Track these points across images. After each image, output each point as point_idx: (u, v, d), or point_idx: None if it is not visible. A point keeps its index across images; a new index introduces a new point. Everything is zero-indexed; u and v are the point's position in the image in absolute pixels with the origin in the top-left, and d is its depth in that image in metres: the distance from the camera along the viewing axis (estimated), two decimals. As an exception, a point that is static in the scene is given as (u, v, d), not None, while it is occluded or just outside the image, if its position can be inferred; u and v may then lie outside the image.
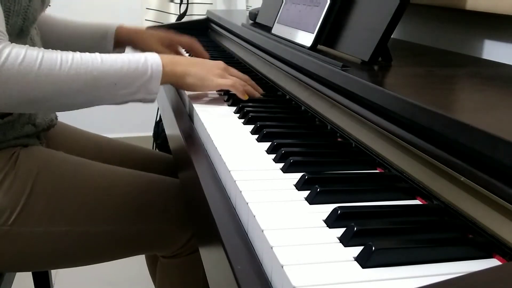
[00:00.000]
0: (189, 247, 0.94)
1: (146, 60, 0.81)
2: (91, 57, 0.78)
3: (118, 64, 0.79)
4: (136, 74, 0.80)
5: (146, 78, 0.80)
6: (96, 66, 0.78)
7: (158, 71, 0.82)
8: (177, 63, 0.86)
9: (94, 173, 0.90)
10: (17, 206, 0.81)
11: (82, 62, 0.77)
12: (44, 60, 0.74)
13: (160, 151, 1.78)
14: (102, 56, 0.79)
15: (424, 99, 0.59)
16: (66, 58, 0.76)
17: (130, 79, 0.79)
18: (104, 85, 0.78)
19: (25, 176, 0.83)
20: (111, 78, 0.78)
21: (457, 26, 1.06)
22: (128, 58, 0.81)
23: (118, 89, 0.79)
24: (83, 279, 1.71)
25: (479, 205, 0.48)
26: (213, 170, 0.68)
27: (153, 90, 0.82)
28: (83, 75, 0.76)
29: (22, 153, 0.86)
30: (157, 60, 0.83)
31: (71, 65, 0.76)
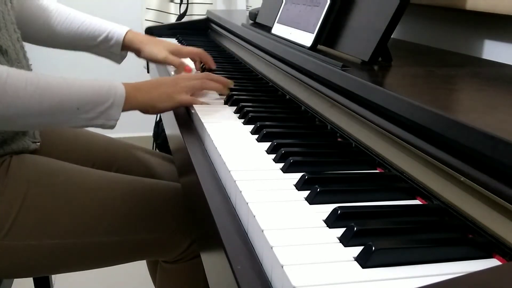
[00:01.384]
0: (190, 252, 0.93)
1: (110, 88, 0.82)
2: (57, 81, 0.78)
3: (83, 89, 0.79)
4: (99, 101, 0.80)
5: (108, 105, 0.80)
6: (61, 90, 0.78)
7: (121, 98, 0.82)
8: (140, 90, 0.85)
9: (90, 183, 0.89)
10: (8, 219, 0.80)
11: (48, 84, 0.77)
12: (10, 78, 0.73)
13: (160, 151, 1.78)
14: (68, 81, 0.79)
15: (424, 99, 0.59)
16: (31, 80, 0.76)
17: (92, 105, 0.79)
18: (67, 108, 0.78)
19: (16, 188, 0.82)
20: (75, 102, 0.78)
21: (457, 26, 1.06)
22: (93, 84, 0.81)
23: (79, 113, 0.79)
24: (83, 280, 1.71)
25: (479, 205, 0.48)
26: (213, 170, 0.68)
27: (113, 117, 0.81)
28: (48, 97, 0.76)
29: (13, 161, 0.85)
30: (121, 88, 0.83)
31: (37, 87, 0.75)
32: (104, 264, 0.91)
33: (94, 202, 0.86)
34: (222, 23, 1.55)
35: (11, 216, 0.80)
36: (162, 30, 1.73)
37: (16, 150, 0.88)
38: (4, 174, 0.82)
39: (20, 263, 0.83)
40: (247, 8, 2.41)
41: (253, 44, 1.20)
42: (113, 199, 0.87)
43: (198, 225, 0.67)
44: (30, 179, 0.83)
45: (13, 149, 0.87)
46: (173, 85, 0.89)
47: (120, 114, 0.82)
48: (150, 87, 0.88)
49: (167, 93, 0.88)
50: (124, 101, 0.82)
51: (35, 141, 0.95)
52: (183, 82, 0.90)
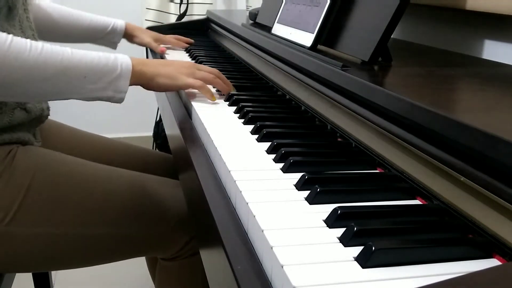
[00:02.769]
0: (189, 249, 0.94)
1: (116, 58, 0.82)
2: (61, 48, 0.78)
3: (88, 58, 0.79)
4: (106, 70, 0.80)
5: (115, 76, 0.80)
6: (66, 57, 0.77)
7: (128, 70, 0.82)
8: (147, 64, 0.86)
9: (93, 174, 0.90)
10: (13, 206, 0.81)
11: (53, 51, 0.76)
12: (14, 42, 0.73)
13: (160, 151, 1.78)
14: (73, 49, 0.79)
15: (424, 99, 0.59)
16: (36, 45, 0.75)
17: (100, 74, 0.79)
18: (73, 76, 0.77)
19: (21, 175, 0.83)
20: (81, 70, 0.78)
21: (457, 26, 1.06)
22: (98, 55, 0.81)
23: (87, 83, 0.78)
24: (83, 280, 1.71)
25: (479, 205, 0.48)
26: (213, 170, 0.68)
27: (122, 89, 0.81)
28: (52, 63, 0.75)
29: (19, 151, 0.85)
30: (127, 60, 0.83)
31: (41, 52, 0.75)
32: (104, 259, 0.91)
33: (95, 192, 0.87)
34: (222, 23, 1.55)
35: (16, 203, 0.81)
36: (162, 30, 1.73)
37: (22, 140, 0.89)
38: (10, 162, 0.83)
39: (22, 254, 0.84)
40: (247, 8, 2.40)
41: (253, 44, 1.20)
42: (114, 191, 0.89)
43: (198, 225, 0.67)
44: (35, 168, 0.84)
45: (19, 138, 0.88)
46: (181, 67, 0.90)
47: (128, 86, 0.82)
48: (158, 63, 0.89)
49: (174, 72, 0.88)
50: (131, 73, 0.82)
51: (37, 141, 0.95)
52: (194, 69, 0.91)
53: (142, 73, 0.85)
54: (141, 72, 0.85)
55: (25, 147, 0.88)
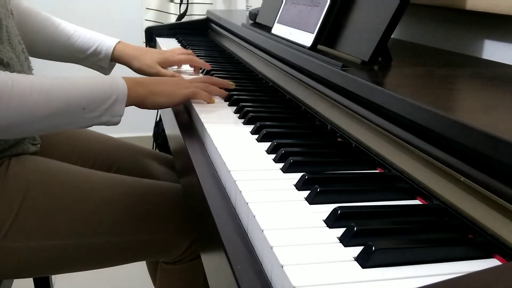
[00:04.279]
0: (190, 253, 0.93)
1: (112, 83, 0.80)
2: (63, 82, 0.77)
3: (87, 89, 0.78)
4: (103, 98, 0.79)
5: (112, 101, 0.79)
6: (67, 91, 0.76)
7: (124, 94, 0.80)
8: (141, 85, 0.84)
9: (89, 183, 0.88)
10: (7, 220, 0.79)
11: (54, 87, 0.75)
12: (16, 85, 0.71)
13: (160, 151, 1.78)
14: (72, 81, 0.78)
15: (424, 99, 0.59)
16: (36, 84, 0.74)
17: (97, 103, 0.78)
18: (73, 110, 0.77)
19: (15, 188, 0.81)
20: (81, 102, 0.77)
21: (457, 26, 1.06)
22: (96, 82, 0.79)
23: (85, 113, 0.78)
24: (83, 281, 1.71)
25: (479, 205, 0.48)
26: (213, 170, 0.68)
27: (118, 113, 0.80)
28: (54, 100, 0.74)
29: (12, 163, 0.84)
30: (123, 83, 0.81)
31: (42, 90, 0.74)
32: (104, 265, 0.90)
33: (93, 203, 0.86)
34: (222, 23, 1.55)
35: (11, 217, 0.79)
36: (162, 30, 1.73)
37: (15, 153, 0.87)
38: (3, 175, 0.81)
39: (19, 264, 0.83)
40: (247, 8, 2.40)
41: (253, 44, 1.20)
42: (113, 200, 0.87)
43: (198, 225, 0.67)
44: (29, 180, 0.83)
45: (13, 152, 0.87)
46: (176, 83, 0.89)
47: (123, 110, 0.81)
48: (152, 82, 0.87)
49: (169, 90, 0.87)
50: (127, 95, 0.81)
51: (35, 143, 0.94)
52: (186, 83, 0.90)
53: (137, 94, 0.83)
54: (136, 93, 0.83)
55: (18, 158, 0.86)
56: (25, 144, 0.90)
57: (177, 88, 0.88)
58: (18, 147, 0.88)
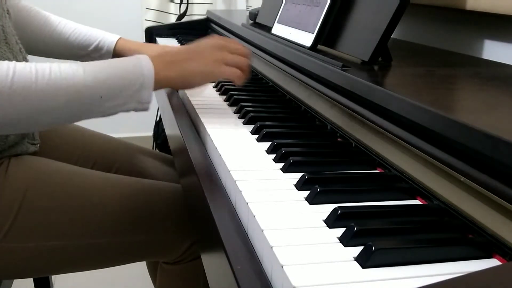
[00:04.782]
0: (190, 253, 0.93)
1: (137, 65, 0.73)
2: (71, 69, 0.70)
3: (103, 75, 0.71)
4: (124, 84, 0.71)
5: (136, 88, 0.72)
6: (78, 79, 0.69)
7: (150, 78, 0.73)
8: (172, 65, 0.76)
9: (89, 184, 0.87)
10: (6, 221, 0.78)
11: (62, 75, 0.68)
12: (17, 75, 0.66)
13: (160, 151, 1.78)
14: (85, 66, 0.71)
15: (424, 99, 0.59)
16: (43, 72, 0.67)
17: (118, 90, 0.71)
18: (88, 99, 0.70)
19: (14, 190, 0.80)
20: (96, 91, 0.70)
21: (457, 26, 1.06)
22: (116, 66, 0.72)
23: (104, 101, 0.71)
24: (83, 280, 1.71)
25: (479, 205, 0.48)
26: (213, 170, 0.68)
27: (145, 99, 0.74)
28: (64, 90, 0.68)
29: (12, 164, 0.83)
30: (149, 67, 0.74)
31: (49, 80, 0.67)
32: (104, 265, 0.90)
33: (93, 203, 0.85)
34: (222, 23, 1.55)
35: (10, 218, 0.79)
36: (162, 30, 1.73)
37: (15, 153, 0.87)
38: (3, 175, 0.81)
39: (19, 265, 0.83)
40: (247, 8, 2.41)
41: (253, 44, 1.20)
42: (113, 201, 0.87)
43: (198, 225, 0.67)
44: (28, 181, 0.82)
45: (12, 153, 0.86)
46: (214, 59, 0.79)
47: (151, 96, 0.74)
48: (184, 58, 0.78)
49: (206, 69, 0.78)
50: (154, 80, 0.73)
51: (34, 142, 0.94)
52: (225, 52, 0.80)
53: (168, 78, 0.76)
54: (166, 77, 0.75)
55: (17, 158, 0.86)
56: (25, 144, 0.90)
57: (216, 65, 0.78)
58: (18, 147, 0.88)
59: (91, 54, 1.14)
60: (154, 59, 0.75)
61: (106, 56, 1.14)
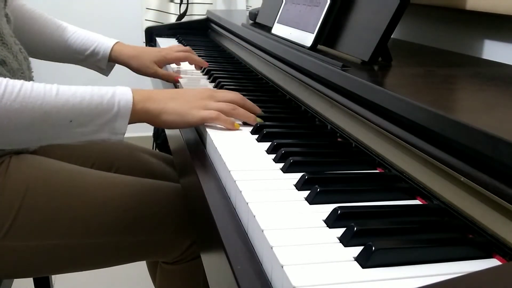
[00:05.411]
0: (190, 253, 0.93)
1: (114, 95, 0.71)
2: (44, 89, 0.69)
3: (77, 99, 0.69)
4: (99, 111, 0.70)
5: (111, 116, 0.71)
6: (48, 100, 0.68)
7: (127, 109, 0.71)
8: (152, 100, 0.75)
9: (89, 183, 0.87)
10: (7, 220, 0.79)
11: (32, 94, 0.67)
12: None
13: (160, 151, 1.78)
14: (60, 89, 0.70)
15: (424, 99, 0.59)
16: (12, 89, 0.66)
17: (90, 117, 0.70)
18: (56, 122, 0.69)
19: (15, 189, 0.80)
20: (66, 114, 0.69)
21: (457, 26, 1.06)
22: (92, 92, 0.71)
23: (73, 126, 0.69)
24: (83, 281, 1.71)
25: (479, 205, 0.48)
26: (213, 170, 0.68)
27: (119, 130, 0.72)
28: (30, 110, 0.67)
29: (12, 162, 0.83)
30: (127, 97, 0.72)
31: (16, 97, 0.66)
32: (104, 264, 0.90)
33: (93, 203, 0.85)
34: (222, 23, 1.55)
35: (10, 217, 0.79)
36: (162, 30, 1.73)
37: (15, 151, 0.87)
38: (3, 174, 0.81)
39: (19, 264, 0.83)
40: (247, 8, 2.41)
41: (253, 44, 1.20)
42: (113, 200, 0.87)
43: (198, 225, 0.67)
44: (29, 179, 0.82)
45: (13, 150, 0.86)
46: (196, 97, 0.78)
47: (126, 127, 0.73)
48: (166, 96, 0.77)
49: (184, 107, 0.76)
50: (131, 111, 0.72)
51: None
52: (208, 100, 0.78)
53: (145, 110, 0.74)
54: (144, 109, 0.74)
55: (18, 156, 0.86)
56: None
57: (194, 105, 0.77)
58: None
59: (87, 58, 1.14)
60: (137, 92, 0.74)
61: (102, 61, 1.14)
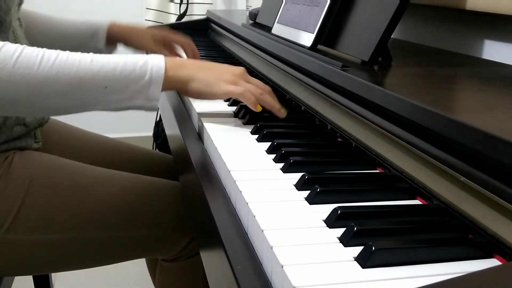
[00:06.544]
0: (189, 250, 0.93)
1: (146, 62, 0.73)
2: (79, 57, 0.71)
3: (111, 65, 0.71)
4: (132, 78, 0.71)
5: (144, 83, 0.72)
6: (83, 67, 0.70)
7: (159, 76, 0.73)
8: (183, 67, 0.76)
9: (91, 179, 0.88)
10: (10, 214, 0.79)
11: (68, 61, 0.69)
12: (22, 56, 0.67)
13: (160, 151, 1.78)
14: (94, 56, 0.71)
15: (424, 99, 0.59)
16: (49, 57, 0.68)
17: (124, 83, 0.71)
18: (92, 88, 0.70)
19: (18, 183, 0.81)
20: (101, 80, 0.70)
21: (457, 26, 1.06)
22: (125, 60, 0.72)
23: (109, 93, 0.71)
24: (83, 280, 1.71)
25: (479, 205, 0.48)
26: (213, 170, 0.68)
27: (153, 96, 0.73)
28: (66, 75, 0.68)
29: (16, 157, 0.84)
30: (160, 63, 0.74)
31: (53, 64, 0.68)
32: (104, 261, 0.91)
33: (94, 198, 0.86)
34: (222, 23, 1.55)
35: (13, 211, 0.80)
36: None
37: (19, 146, 0.88)
38: (7, 169, 0.82)
39: (21, 259, 0.83)
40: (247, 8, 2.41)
41: (253, 44, 1.20)
42: (113, 196, 0.88)
43: (198, 225, 0.67)
44: (32, 175, 0.83)
45: (16, 145, 0.87)
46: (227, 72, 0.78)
47: (159, 93, 0.73)
48: (199, 65, 0.78)
49: (213, 78, 0.77)
50: (164, 77, 0.73)
51: (37, 140, 0.95)
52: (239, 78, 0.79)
53: (176, 77, 0.75)
54: (175, 76, 0.75)
55: (22, 152, 0.86)
56: (29, 140, 0.91)
57: (223, 78, 0.77)
58: (22, 140, 0.88)
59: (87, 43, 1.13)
60: (168, 60, 0.75)
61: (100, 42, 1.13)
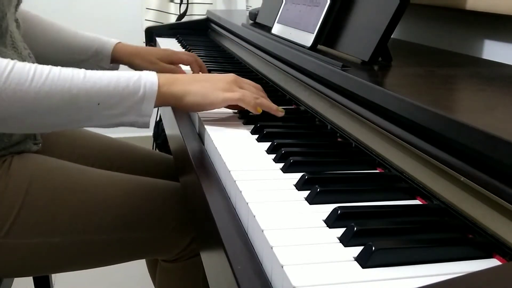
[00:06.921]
0: (190, 251, 0.93)
1: (140, 78, 0.72)
2: (72, 73, 0.70)
3: (104, 82, 0.70)
4: (125, 94, 0.71)
5: (137, 99, 0.71)
6: (76, 83, 0.69)
7: (153, 91, 0.72)
8: (176, 82, 0.76)
9: (90, 181, 0.88)
10: (9, 217, 0.79)
11: (60, 77, 0.69)
12: (14, 72, 0.66)
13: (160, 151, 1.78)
14: (87, 72, 0.71)
15: (424, 99, 0.59)
16: (41, 72, 0.68)
17: (117, 99, 0.70)
18: (85, 104, 0.69)
19: (17, 186, 0.81)
20: (93, 97, 0.69)
21: (457, 26, 1.06)
22: (118, 75, 0.72)
23: (102, 109, 0.70)
24: (83, 280, 1.71)
25: (479, 205, 0.48)
26: (213, 170, 0.68)
27: (146, 112, 0.73)
28: (59, 92, 0.68)
29: (15, 160, 0.83)
30: (153, 79, 0.73)
31: (46, 80, 0.67)
32: (104, 263, 0.91)
33: (94, 200, 0.86)
34: (222, 23, 1.55)
35: (12, 215, 0.79)
36: (162, 30, 1.73)
37: (18, 150, 0.87)
38: (5, 172, 0.82)
39: (20, 262, 0.83)
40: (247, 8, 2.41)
41: (253, 44, 1.20)
42: (114, 197, 0.87)
43: (198, 225, 0.67)
44: (31, 177, 0.83)
45: (16, 150, 0.87)
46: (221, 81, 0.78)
47: (152, 109, 0.73)
48: (191, 79, 0.77)
49: (208, 88, 0.76)
50: (157, 93, 0.72)
51: (37, 142, 0.95)
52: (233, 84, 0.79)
53: (169, 93, 0.75)
54: (169, 92, 0.75)
55: (20, 155, 0.86)
56: (28, 143, 0.90)
57: (215, 88, 0.77)
58: (21, 145, 0.88)
59: (90, 59, 1.14)
60: (160, 76, 0.75)
61: (104, 61, 1.14)
